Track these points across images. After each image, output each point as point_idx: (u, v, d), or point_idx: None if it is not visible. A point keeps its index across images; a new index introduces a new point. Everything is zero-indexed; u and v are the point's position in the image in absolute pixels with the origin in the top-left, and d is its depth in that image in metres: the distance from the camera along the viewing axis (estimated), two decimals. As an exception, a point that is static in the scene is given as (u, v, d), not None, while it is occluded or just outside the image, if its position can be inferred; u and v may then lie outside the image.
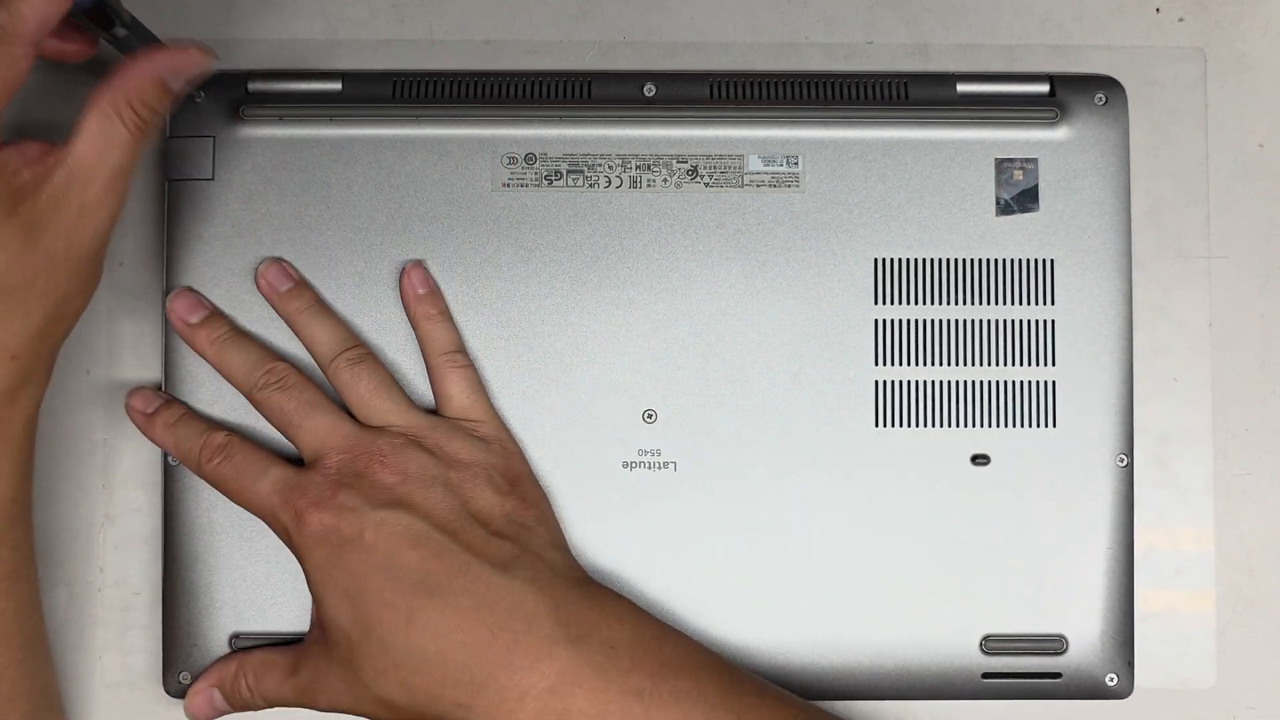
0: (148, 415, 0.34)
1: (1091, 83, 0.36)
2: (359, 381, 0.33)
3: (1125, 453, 0.35)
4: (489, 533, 0.31)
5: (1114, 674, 0.35)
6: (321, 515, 0.31)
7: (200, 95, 0.35)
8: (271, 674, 0.33)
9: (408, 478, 0.31)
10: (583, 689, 0.29)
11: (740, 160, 0.36)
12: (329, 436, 0.32)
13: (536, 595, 0.30)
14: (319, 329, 0.34)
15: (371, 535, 0.30)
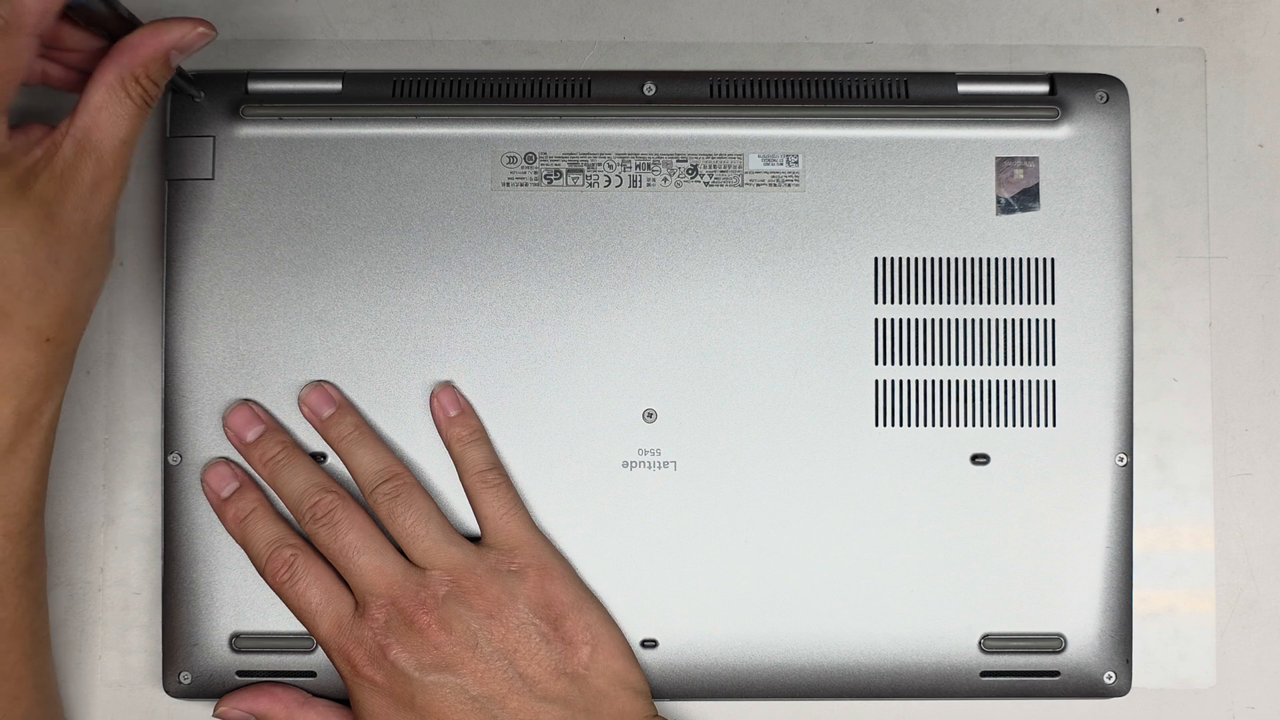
0: (222, 499, 0.34)
1: (1093, 81, 0.36)
2: (397, 517, 0.33)
3: (1125, 452, 0.35)
4: (537, 696, 0.31)
5: (1112, 672, 0.35)
6: (374, 672, 0.31)
7: (200, 95, 0.35)
8: None
9: (454, 637, 0.31)
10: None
11: (740, 159, 0.35)
12: (375, 582, 0.32)
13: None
14: (360, 457, 0.33)
15: (422, 700, 0.31)
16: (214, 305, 0.35)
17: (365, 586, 0.32)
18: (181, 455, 0.35)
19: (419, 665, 0.31)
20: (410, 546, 0.33)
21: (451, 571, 0.32)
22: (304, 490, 0.33)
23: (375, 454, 0.34)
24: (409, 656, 0.31)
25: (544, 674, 0.32)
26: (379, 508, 0.33)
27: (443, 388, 0.34)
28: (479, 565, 0.33)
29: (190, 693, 0.35)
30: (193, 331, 0.35)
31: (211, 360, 0.35)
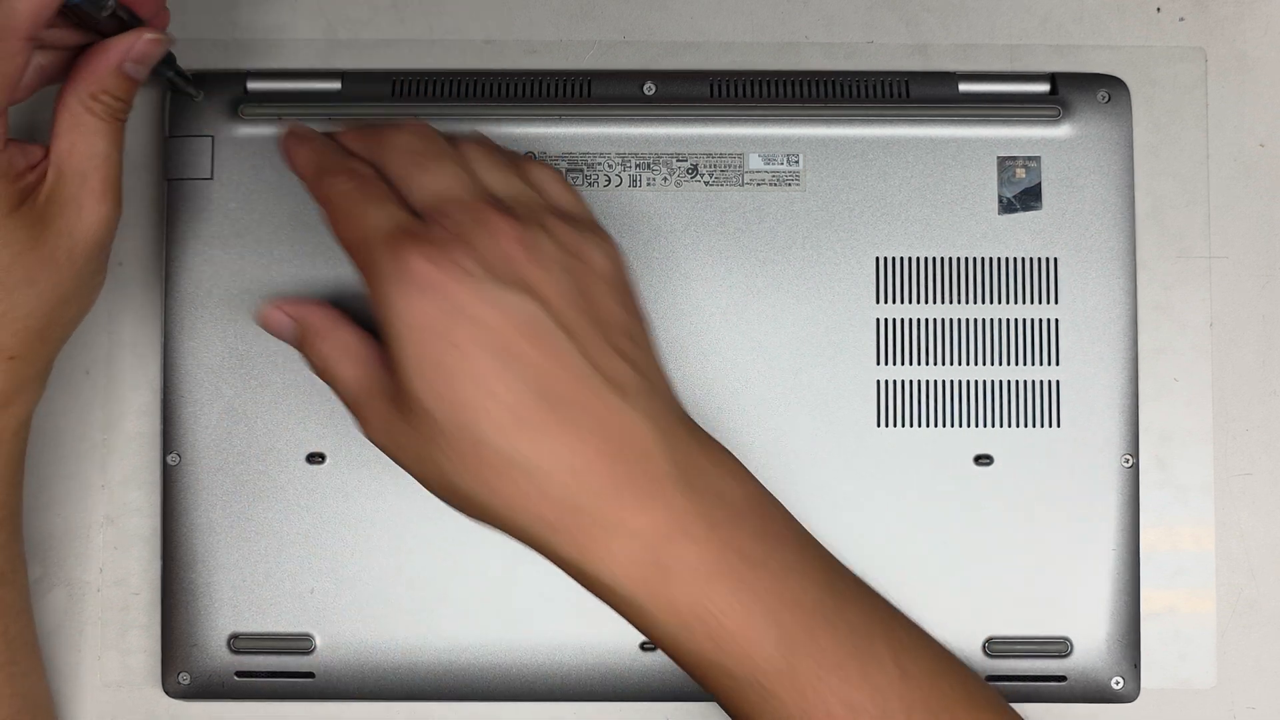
0: (297, 137, 0.30)
1: (1094, 81, 0.35)
2: (473, 148, 0.29)
3: (1130, 453, 0.34)
4: (609, 344, 0.27)
5: (1120, 677, 0.34)
6: (428, 266, 0.25)
7: (199, 95, 0.35)
8: (351, 370, 0.28)
9: (536, 256, 0.26)
10: (693, 541, 0.26)
11: (740, 159, 0.35)
12: (451, 187, 0.27)
13: (654, 430, 0.26)
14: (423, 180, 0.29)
15: (487, 312, 0.25)
16: (213, 305, 0.35)
17: (438, 190, 0.27)
18: (180, 455, 0.35)
19: (491, 271, 0.26)
20: (488, 174, 0.29)
21: (538, 208, 0.28)
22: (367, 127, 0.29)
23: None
24: (479, 261, 0.26)
25: (615, 326, 0.27)
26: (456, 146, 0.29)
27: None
28: (563, 216, 0.29)
29: (189, 693, 0.35)
30: (192, 331, 0.35)
31: (210, 360, 0.35)
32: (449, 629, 0.34)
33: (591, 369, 0.26)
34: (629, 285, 0.30)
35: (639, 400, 0.27)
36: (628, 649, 0.34)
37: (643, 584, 0.26)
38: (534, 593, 0.34)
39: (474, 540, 0.34)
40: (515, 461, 0.26)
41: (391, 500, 0.34)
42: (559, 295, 0.27)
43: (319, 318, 0.30)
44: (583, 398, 0.26)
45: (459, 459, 0.26)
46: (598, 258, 0.28)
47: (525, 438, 0.26)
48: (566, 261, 0.27)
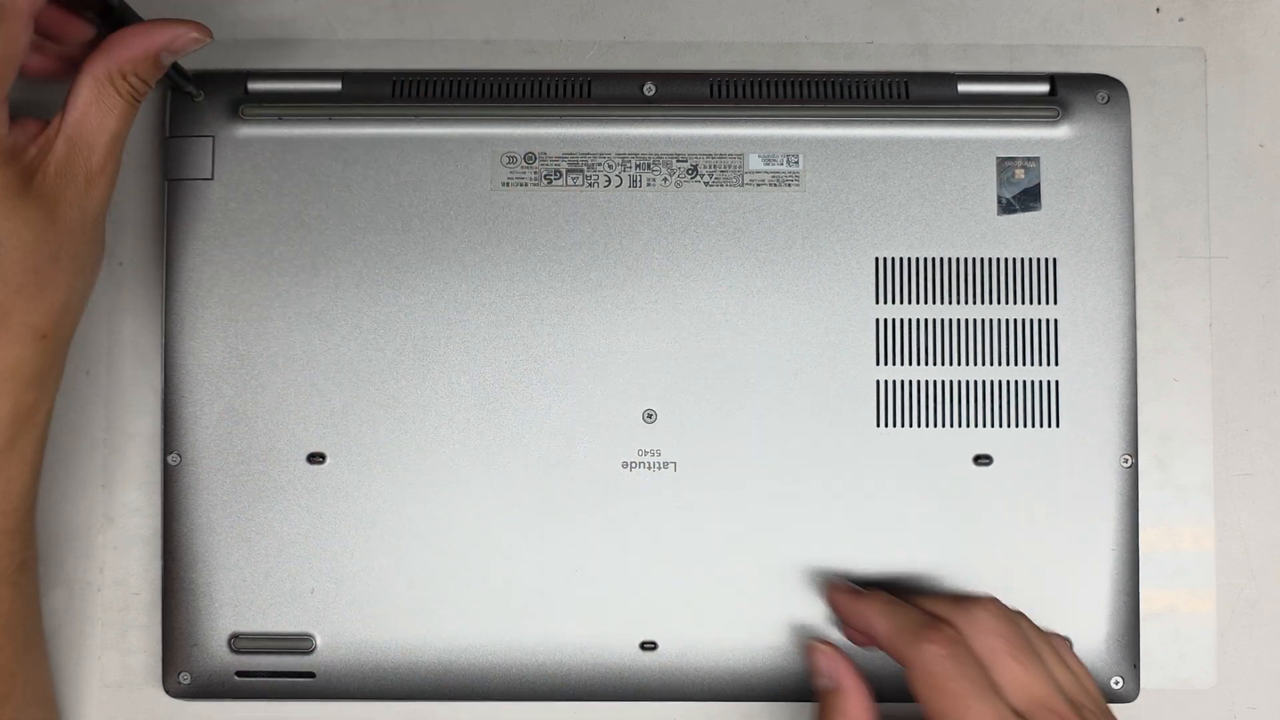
0: (856, 595, 0.32)
1: (1093, 82, 0.35)
2: (1044, 642, 0.31)
3: (1130, 453, 0.34)
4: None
5: (1119, 677, 0.34)
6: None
7: (200, 95, 0.35)
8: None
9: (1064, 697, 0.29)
10: None
11: (740, 159, 0.35)
12: (1047, 694, 0.29)
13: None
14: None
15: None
16: (213, 305, 0.35)
17: (1039, 695, 0.29)
18: (181, 455, 0.34)
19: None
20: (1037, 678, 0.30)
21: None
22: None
23: None
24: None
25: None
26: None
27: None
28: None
29: (190, 693, 0.35)
30: (192, 331, 0.35)
31: (211, 360, 0.35)
32: (449, 629, 0.34)
33: None
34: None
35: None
36: (628, 649, 0.34)
37: None
38: (534, 593, 0.34)
39: (474, 540, 0.34)
40: None
41: (392, 500, 0.34)
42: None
43: (850, 692, 0.31)
44: None
45: None
46: (1082, 674, 0.31)
47: None
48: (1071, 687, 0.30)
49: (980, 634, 0.30)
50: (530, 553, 0.34)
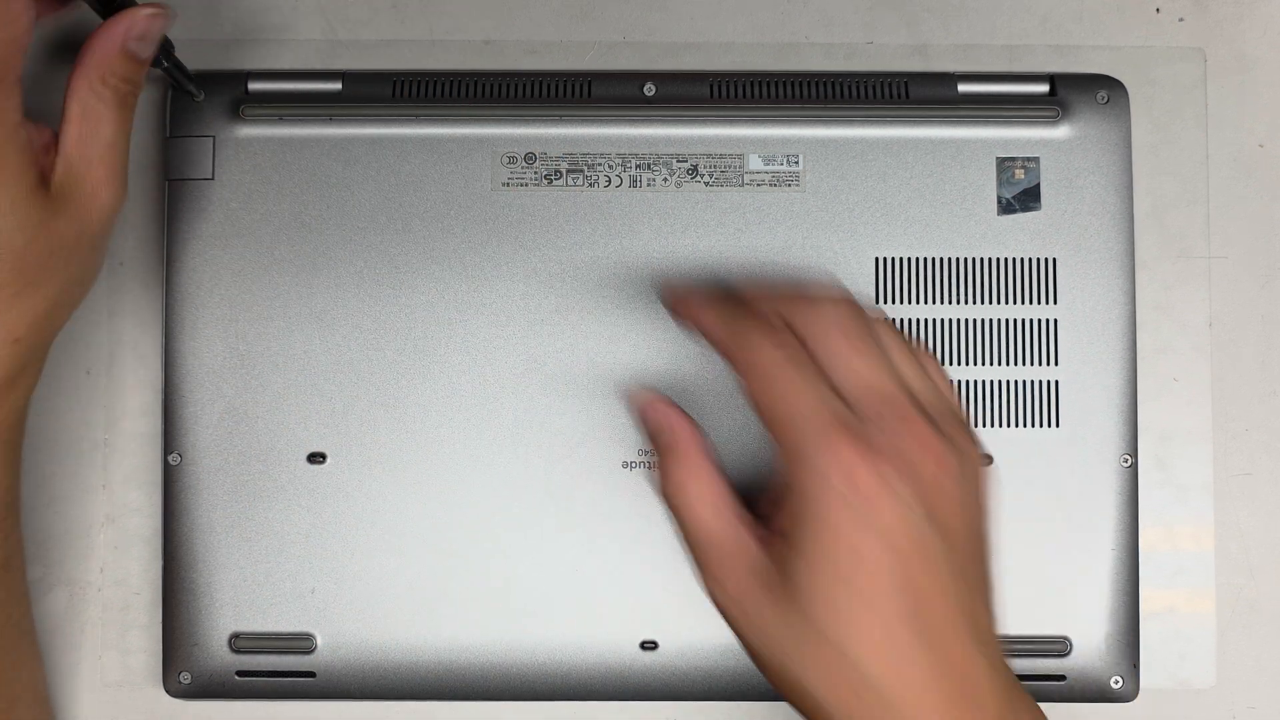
0: (698, 297, 0.29)
1: (1093, 82, 0.35)
2: (884, 330, 0.28)
3: (1129, 453, 0.34)
4: (982, 583, 0.27)
5: (1119, 677, 0.34)
6: (858, 474, 0.25)
7: (200, 95, 0.35)
8: (714, 518, 0.28)
9: (945, 477, 0.26)
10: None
11: (740, 159, 0.35)
12: (882, 381, 0.27)
13: (996, 690, 0.26)
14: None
15: (903, 543, 0.25)
16: (214, 305, 0.35)
17: (874, 383, 0.27)
18: (181, 455, 0.34)
19: (916, 494, 0.25)
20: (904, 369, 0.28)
21: (940, 412, 0.27)
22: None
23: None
24: (905, 481, 0.25)
25: (988, 566, 0.27)
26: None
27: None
28: (957, 417, 0.28)
29: (190, 693, 0.34)
30: (193, 331, 0.35)
31: (211, 360, 0.35)
32: (449, 629, 0.34)
33: (964, 614, 0.26)
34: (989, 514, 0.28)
35: (994, 656, 0.26)
36: (628, 649, 0.34)
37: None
38: (534, 593, 0.34)
39: (474, 540, 0.34)
40: (870, 679, 0.25)
41: (392, 500, 0.34)
42: (960, 528, 0.26)
43: (688, 441, 0.29)
44: (950, 641, 0.26)
45: (817, 664, 0.26)
46: (982, 478, 0.28)
47: (880, 656, 0.25)
48: (970, 485, 0.27)
49: (818, 324, 0.27)
50: (530, 553, 0.34)
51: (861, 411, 0.26)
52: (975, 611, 0.26)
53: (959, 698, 0.26)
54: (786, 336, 0.28)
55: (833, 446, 0.26)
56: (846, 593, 0.25)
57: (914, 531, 0.25)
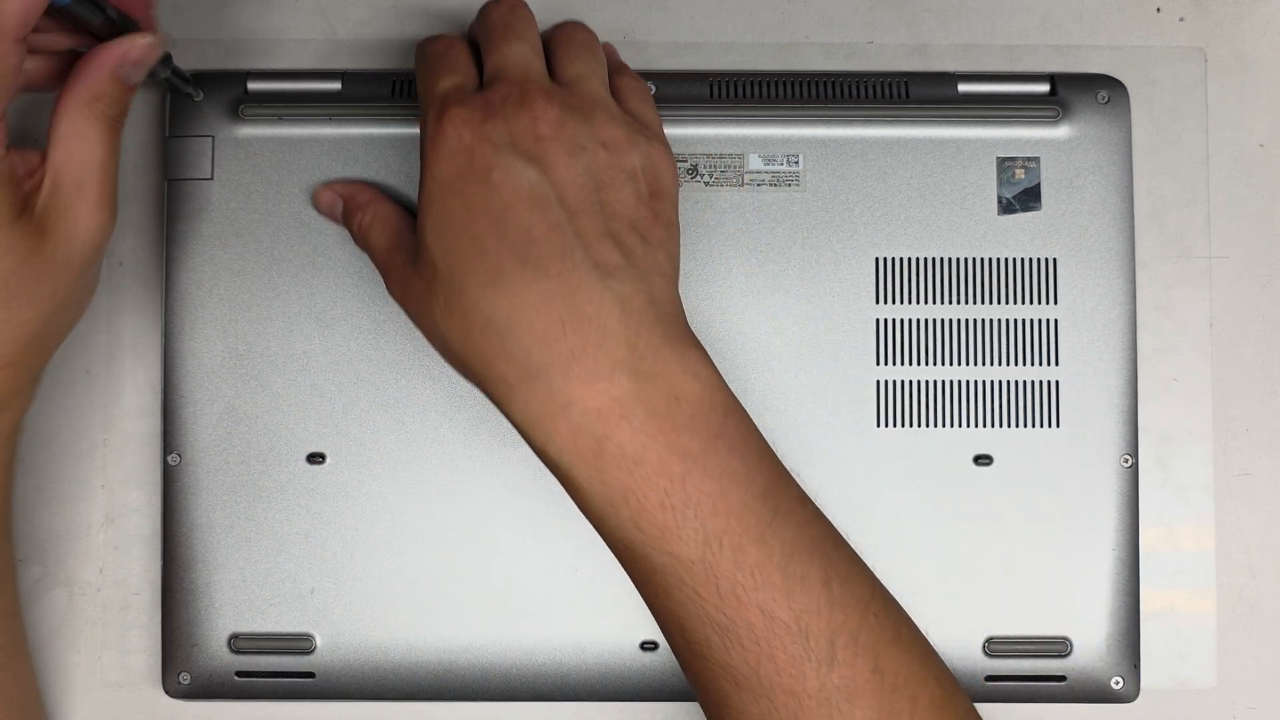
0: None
1: (1093, 81, 0.35)
2: (568, 36, 0.31)
3: (1130, 453, 0.34)
4: (605, 229, 0.28)
5: (1120, 677, 0.34)
6: (461, 131, 0.28)
7: (199, 95, 0.35)
8: (384, 233, 0.31)
9: (562, 139, 0.28)
10: (630, 426, 0.26)
11: (740, 159, 0.35)
12: (514, 65, 0.29)
13: (621, 316, 0.27)
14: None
15: (499, 177, 0.27)
16: (213, 305, 0.34)
17: (501, 64, 0.29)
18: (181, 455, 0.34)
19: (513, 143, 0.28)
20: (565, 60, 0.30)
21: (593, 100, 0.29)
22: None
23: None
24: (507, 132, 0.28)
25: (620, 216, 0.28)
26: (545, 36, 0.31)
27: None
28: (617, 113, 0.30)
29: (190, 693, 0.34)
30: (192, 331, 0.34)
31: (211, 360, 0.34)
32: (449, 629, 0.34)
33: (578, 244, 0.27)
34: (665, 194, 0.30)
35: (616, 284, 0.27)
36: (628, 649, 0.34)
37: (579, 459, 0.27)
38: (534, 593, 0.34)
39: (474, 540, 0.34)
40: (486, 311, 0.27)
41: (391, 500, 0.34)
42: (571, 178, 0.28)
43: (362, 193, 0.33)
44: (559, 268, 0.27)
45: (448, 307, 0.28)
46: (635, 157, 0.29)
47: (498, 291, 0.27)
48: (594, 151, 0.29)
49: (498, 25, 0.30)
50: (530, 553, 0.34)
51: (486, 86, 0.29)
52: (601, 249, 0.28)
53: (577, 327, 0.27)
54: (460, 39, 0.31)
55: (443, 113, 0.28)
56: (460, 239, 0.27)
57: (512, 174, 0.27)
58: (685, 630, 0.27)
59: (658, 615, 0.28)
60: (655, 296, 0.28)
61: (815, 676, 0.26)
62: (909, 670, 0.27)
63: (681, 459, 0.26)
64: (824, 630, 0.26)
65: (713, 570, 0.26)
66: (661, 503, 0.26)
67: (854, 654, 0.26)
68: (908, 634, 0.28)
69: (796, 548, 0.27)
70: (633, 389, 0.27)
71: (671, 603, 0.27)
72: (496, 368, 0.27)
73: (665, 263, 0.29)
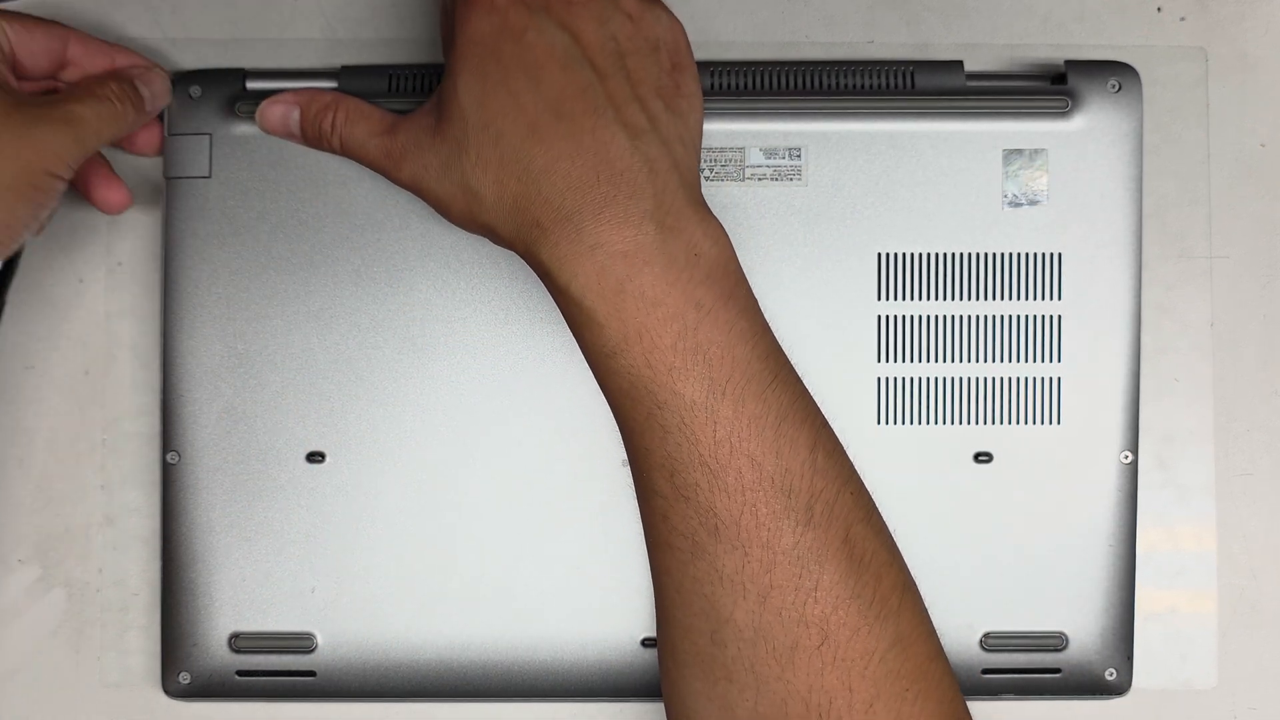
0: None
1: (1104, 68, 0.33)
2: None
3: (1130, 450, 0.32)
4: (632, 94, 0.28)
5: (1113, 669, 0.32)
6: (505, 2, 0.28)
7: (198, 92, 0.32)
8: (365, 124, 0.30)
9: (588, 5, 0.28)
10: (651, 271, 0.27)
11: (741, 153, 0.33)
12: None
13: (649, 174, 0.27)
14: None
15: (533, 38, 0.28)
16: (212, 304, 0.33)
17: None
18: (180, 454, 0.32)
19: (545, 6, 0.28)
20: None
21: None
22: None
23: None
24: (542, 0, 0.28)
25: (646, 83, 0.29)
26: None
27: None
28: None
29: (189, 693, 0.33)
30: (191, 330, 0.33)
31: (209, 359, 0.32)
32: (450, 628, 0.32)
33: (608, 104, 0.28)
34: (685, 67, 0.30)
35: (643, 145, 0.28)
36: (628, 647, 0.32)
37: (601, 297, 0.27)
38: (534, 592, 0.32)
39: (474, 539, 0.32)
40: (524, 160, 0.27)
41: (391, 499, 0.32)
42: (599, 43, 0.28)
43: (320, 96, 0.31)
44: (592, 124, 0.27)
45: (481, 161, 0.28)
46: (657, 30, 0.29)
47: (536, 140, 0.27)
48: (620, 20, 0.29)
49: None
50: (530, 551, 0.32)
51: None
52: (629, 111, 0.28)
53: (609, 178, 0.27)
54: None
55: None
56: (496, 93, 0.27)
57: (545, 36, 0.27)
58: (675, 473, 0.27)
59: (649, 460, 0.27)
60: (678, 163, 0.28)
61: (791, 534, 0.26)
62: (875, 550, 0.27)
63: (696, 308, 0.27)
64: (805, 491, 0.26)
65: (713, 414, 0.26)
66: (674, 345, 0.26)
67: (829, 520, 0.26)
68: (878, 521, 0.28)
69: (791, 412, 0.27)
70: (658, 239, 0.27)
71: (668, 442, 0.27)
72: (530, 212, 0.27)
73: (687, 132, 0.29)
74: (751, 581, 0.26)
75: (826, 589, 0.26)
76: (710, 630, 0.26)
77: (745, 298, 0.28)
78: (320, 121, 0.31)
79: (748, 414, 0.26)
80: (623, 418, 0.28)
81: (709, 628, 0.26)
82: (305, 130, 0.31)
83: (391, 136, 0.29)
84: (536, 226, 0.27)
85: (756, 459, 0.26)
